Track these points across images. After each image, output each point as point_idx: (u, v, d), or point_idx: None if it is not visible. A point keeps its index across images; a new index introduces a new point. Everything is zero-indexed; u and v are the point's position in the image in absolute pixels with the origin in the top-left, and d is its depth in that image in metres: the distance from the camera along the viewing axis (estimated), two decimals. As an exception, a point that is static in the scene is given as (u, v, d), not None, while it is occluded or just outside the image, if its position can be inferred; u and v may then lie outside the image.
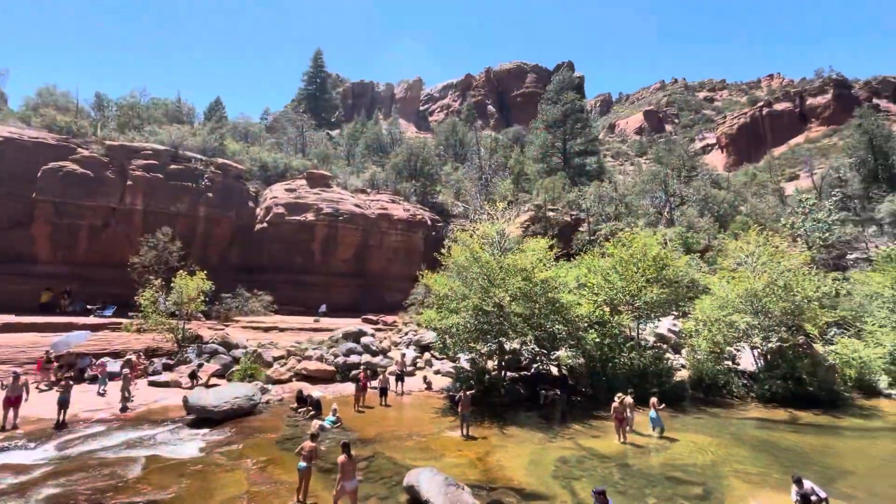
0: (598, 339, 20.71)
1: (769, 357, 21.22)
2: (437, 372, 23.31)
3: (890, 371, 22.19)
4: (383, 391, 18.88)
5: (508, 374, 21.16)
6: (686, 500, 10.61)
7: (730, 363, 22.33)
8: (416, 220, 40.83)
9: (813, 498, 9.65)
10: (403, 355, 22.63)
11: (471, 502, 10.08)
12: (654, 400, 15.60)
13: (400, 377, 20.79)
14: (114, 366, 20.13)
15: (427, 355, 25.03)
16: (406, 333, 29.12)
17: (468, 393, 15.48)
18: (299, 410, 17.06)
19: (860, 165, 68.74)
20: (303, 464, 10.34)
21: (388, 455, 13.31)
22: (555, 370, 22.14)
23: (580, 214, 47.35)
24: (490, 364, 21.00)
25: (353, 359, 22.86)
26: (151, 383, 19.77)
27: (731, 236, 36.91)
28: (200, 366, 21.11)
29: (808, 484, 9.87)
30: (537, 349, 21.21)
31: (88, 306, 28.53)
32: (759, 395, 20.14)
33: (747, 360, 22.70)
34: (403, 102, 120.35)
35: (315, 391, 19.66)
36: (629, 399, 15.94)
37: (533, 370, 21.96)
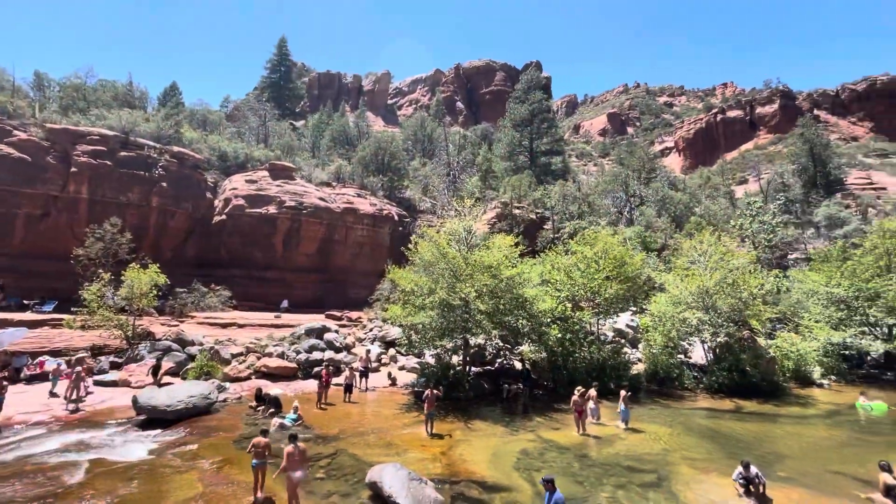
0: (560, 334, 21.24)
1: (718, 351, 22.46)
2: (402, 368, 23.23)
3: (822, 362, 24.03)
4: (347, 388, 18.62)
5: (473, 369, 21.38)
6: (639, 487, 11.08)
7: (682, 357, 23.49)
8: (383, 215, 40.43)
9: (755, 481, 10.40)
10: (368, 351, 22.40)
11: (434, 496, 10.13)
12: (623, 393, 16.26)
13: (364, 373, 20.57)
14: (52, 364, 18.82)
15: (392, 351, 24.90)
16: (371, 329, 28.84)
17: (434, 391, 15.24)
18: (258, 409, 16.57)
19: (801, 172, 73.84)
20: (255, 461, 10.10)
21: (351, 452, 13.16)
22: (518, 364, 22.57)
23: (545, 213, 48.33)
24: (455, 359, 21.13)
25: (316, 355, 22.42)
26: (98, 383, 18.65)
27: (686, 236, 38.74)
28: (160, 359, 20.10)
29: (754, 470, 10.59)
30: (501, 344, 21.54)
31: (25, 301, 26.54)
32: (707, 386, 21.30)
33: (698, 354, 23.95)
34: (371, 95, 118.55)
35: (276, 389, 19.18)
36: (593, 391, 16.54)
37: (497, 365, 22.29)
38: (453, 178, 55.56)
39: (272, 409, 16.25)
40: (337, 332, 26.10)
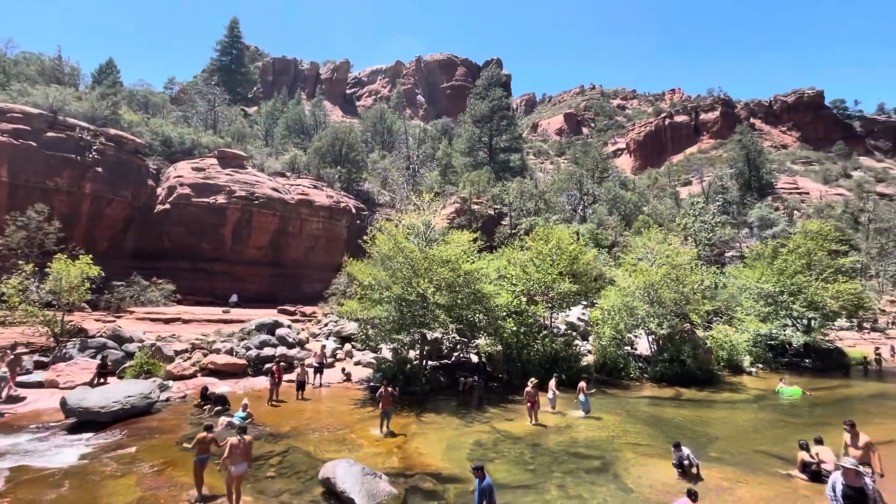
0: (515, 328, 21.73)
1: (661, 342, 23.81)
2: (357, 363, 22.93)
3: (752, 352, 26.11)
4: (300, 384, 18.16)
5: (430, 363, 21.45)
6: (586, 473, 11.57)
7: (629, 348, 24.72)
8: (340, 208, 39.56)
9: (685, 462, 11.17)
10: (323, 347, 21.91)
11: (388, 490, 10.11)
12: (582, 384, 16.91)
13: (318, 369, 20.13)
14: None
15: (348, 346, 24.51)
16: (326, 324, 28.23)
17: (390, 389, 14.63)
18: (205, 407, 15.82)
19: (738, 176, 79.50)
20: (199, 456, 9.71)
21: (304, 449, 12.87)
22: (474, 358, 22.89)
23: (503, 209, 49.12)
24: (412, 354, 21.12)
25: (268, 351, 21.66)
26: (21, 384, 17.06)
27: (635, 234, 40.69)
28: (105, 358, 18.67)
29: (685, 450, 11.37)
30: (458, 338, 21.75)
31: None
32: (651, 375, 22.56)
33: (643, 346, 25.29)
34: (329, 84, 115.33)
35: (224, 386, 18.38)
36: (553, 382, 17.13)
37: (453, 358, 22.50)
38: (413, 172, 55.24)
39: (219, 408, 15.57)
40: (290, 327, 25.33)
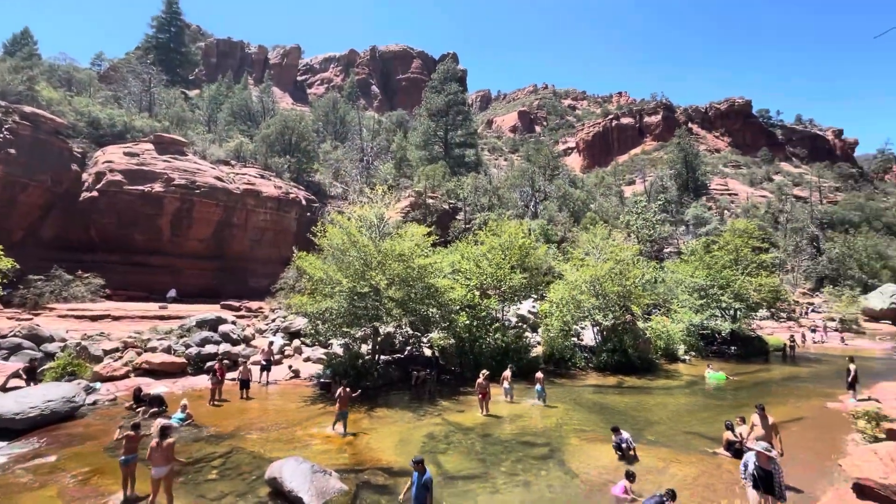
0: (468, 321, 21.98)
1: (605, 333, 25.01)
2: (307, 359, 22.30)
3: (686, 341, 28.06)
4: (245, 383, 17.39)
5: (382, 357, 21.27)
6: (534, 460, 11.97)
7: (575, 339, 25.76)
8: (289, 199, 38.11)
9: (624, 445, 11.86)
10: (270, 343, 21.09)
11: (338, 487, 9.94)
12: (538, 375, 17.39)
13: (265, 367, 19.37)
14: None
15: (297, 342, 23.77)
16: (274, 320, 27.21)
17: (348, 390, 13.77)
18: (138, 409, 14.77)
19: (677, 177, 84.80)
20: (125, 457, 9.16)
21: (249, 449, 12.36)
22: (427, 351, 22.96)
23: (458, 203, 49.44)
24: (364, 348, 20.84)
25: (210, 349, 20.55)
26: (-87, 391, 15.09)
27: (583, 230, 42.38)
28: (33, 360, 16.84)
29: (624, 434, 12.05)
30: (411, 332, 21.70)
31: None
32: (596, 365, 23.66)
33: (588, 336, 26.45)
34: (279, 70, 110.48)
35: (160, 387, 17.27)
36: (508, 373, 17.52)
37: (406, 352, 22.43)
38: (367, 164, 54.24)
39: (155, 409, 14.60)
40: (234, 323, 24.19)
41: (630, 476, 9.91)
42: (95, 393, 16.25)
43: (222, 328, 22.82)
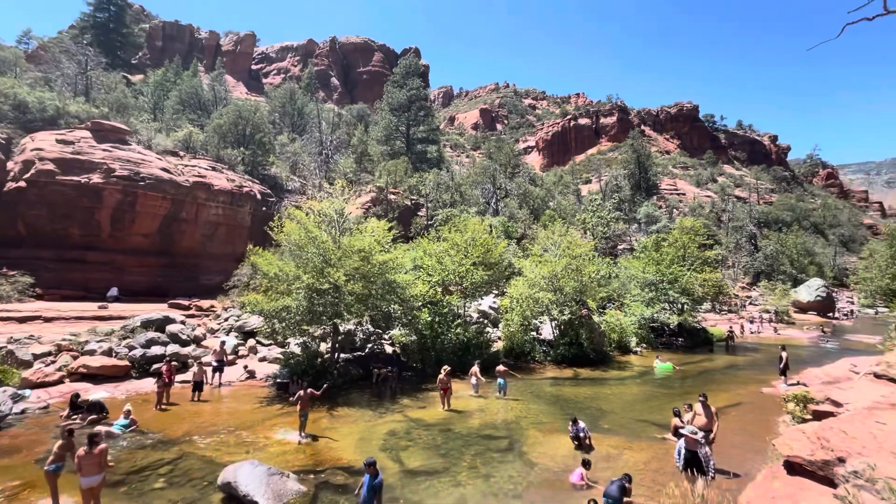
0: (430, 318, 21.99)
1: (562, 327, 25.76)
2: (262, 359, 21.53)
3: (637, 334, 29.41)
4: (197, 385, 16.57)
5: (342, 355, 20.89)
6: (495, 453, 12.17)
7: (534, 333, 26.38)
8: (243, 193, 36.53)
9: (581, 435, 12.31)
10: (223, 343, 20.15)
11: (297, 489, 9.68)
12: (500, 368, 17.69)
13: (218, 368, 18.53)
14: None
15: (252, 342, 22.89)
16: (227, 319, 26.06)
17: (311, 391, 13.21)
18: (75, 417, 13.71)
19: (630, 176, 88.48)
20: (52, 465, 8.57)
21: (200, 454, 11.80)
22: (389, 348, 22.78)
23: (420, 199, 49.25)
24: (323, 347, 20.39)
25: (156, 350, 19.39)
26: None
27: (542, 227, 43.38)
28: None
29: (581, 424, 12.48)
30: (372, 329, 21.43)
31: None
32: (553, 358, 24.34)
33: (546, 331, 27.14)
34: (232, 57, 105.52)
35: (100, 392, 16.15)
36: (475, 368, 17.70)
37: (367, 350, 22.14)
38: (326, 158, 52.87)
39: (94, 416, 13.62)
40: (184, 323, 22.94)
41: (586, 464, 10.28)
42: (24, 401, 14.94)
43: (170, 328, 21.58)
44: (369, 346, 22.19)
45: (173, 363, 17.68)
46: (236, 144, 42.53)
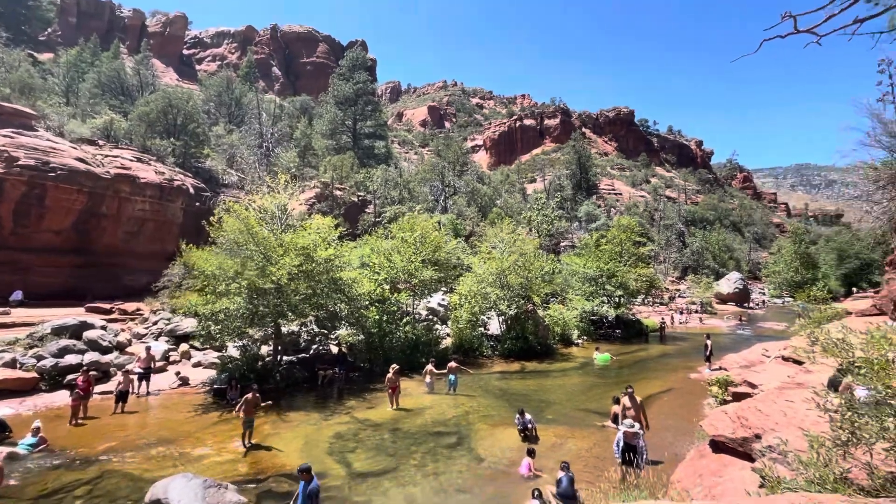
0: (378, 316, 21.63)
1: (509, 322, 26.37)
2: (197, 364, 20.14)
3: (579, 326, 30.74)
4: (121, 395, 15.14)
5: (285, 357, 20.04)
6: (444, 449, 12.20)
7: (482, 329, 26.79)
8: (174, 187, 33.93)
9: (528, 426, 12.67)
10: (149, 349, 18.53)
11: (236, 500, 9.09)
12: (452, 364, 17.75)
13: (145, 376, 17.06)
14: None
15: (185, 346, 21.33)
16: (156, 323, 24.11)
17: (256, 395, 12.54)
18: (-32, 439, 12.06)
19: (572, 177, 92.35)
20: None
21: (126, 471, 10.81)
22: (335, 349, 22.17)
23: (367, 196, 48.33)
24: (265, 349, 19.44)
25: (71, 360, 17.48)
26: None
27: (490, 224, 44.12)
28: None
29: (528, 416, 12.82)
30: (317, 329, 20.73)
31: None
32: (501, 352, 24.86)
33: (494, 326, 27.67)
34: (160, 40, 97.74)
35: (2, 408, 14.34)
36: (430, 366, 17.54)
37: (312, 351, 21.40)
38: (267, 151, 50.38)
39: (-7, 437, 12.05)
40: (105, 328, 20.91)
41: (531, 453, 10.57)
42: None
43: (88, 334, 19.56)
44: (314, 347, 21.44)
45: (92, 373, 16.06)
46: (166, 134, 39.38)
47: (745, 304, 58.13)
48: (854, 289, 57.57)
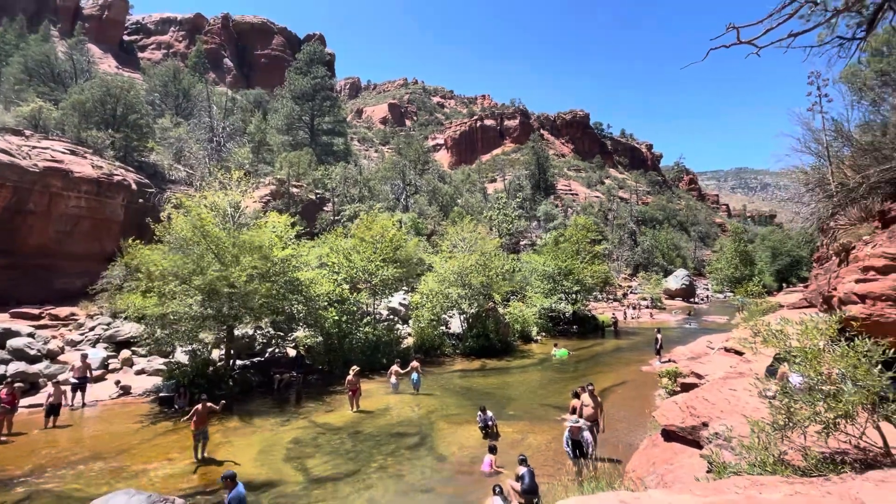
0: (337, 317, 21.11)
1: (470, 320, 26.53)
2: (140, 372, 18.85)
3: (538, 323, 31.43)
4: (52, 408, 13.90)
5: (238, 361, 19.18)
6: (406, 449, 12.07)
7: (444, 328, 26.81)
8: (114, 182, 31.57)
9: (489, 423, 12.79)
10: (85, 356, 17.12)
11: (184, 515, 8.59)
12: (415, 364, 17.54)
13: (80, 386, 15.77)
14: None
15: (126, 353, 19.91)
16: (93, 328, 22.38)
17: (209, 404, 11.79)
18: None
19: (531, 177, 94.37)
20: None
21: (57, 491, 9.94)
22: (292, 351, 21.44)
23: (325, 194, 47.17)
24: (216, 353, 18.50)
25: (-6, 370, 15.90)
26: None
27: (451, 223, 44.24)
28: None
29: (489, 413, 12.93)
30: (273, 332, 19.97)
31: None
32: (462, 351, 24.97)
33: (455, 325, 27.77)
34: (97, 24, 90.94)
35: None
36: (395, 367, 17.31)
37: (267, 354, 20.60)
38: (218, 146, 47.99)
39: None
40: (32, 335, 19.14)
41: (492, 449, 10.64)
42: None
43: (13, 342, 17.82)
44: (270, 349, 20.64)
45: (17, 384, 14.69)
46: (104, 126, 36.57)
47: (692, 300, 61.61)
48: (785, 284, 62.41)
